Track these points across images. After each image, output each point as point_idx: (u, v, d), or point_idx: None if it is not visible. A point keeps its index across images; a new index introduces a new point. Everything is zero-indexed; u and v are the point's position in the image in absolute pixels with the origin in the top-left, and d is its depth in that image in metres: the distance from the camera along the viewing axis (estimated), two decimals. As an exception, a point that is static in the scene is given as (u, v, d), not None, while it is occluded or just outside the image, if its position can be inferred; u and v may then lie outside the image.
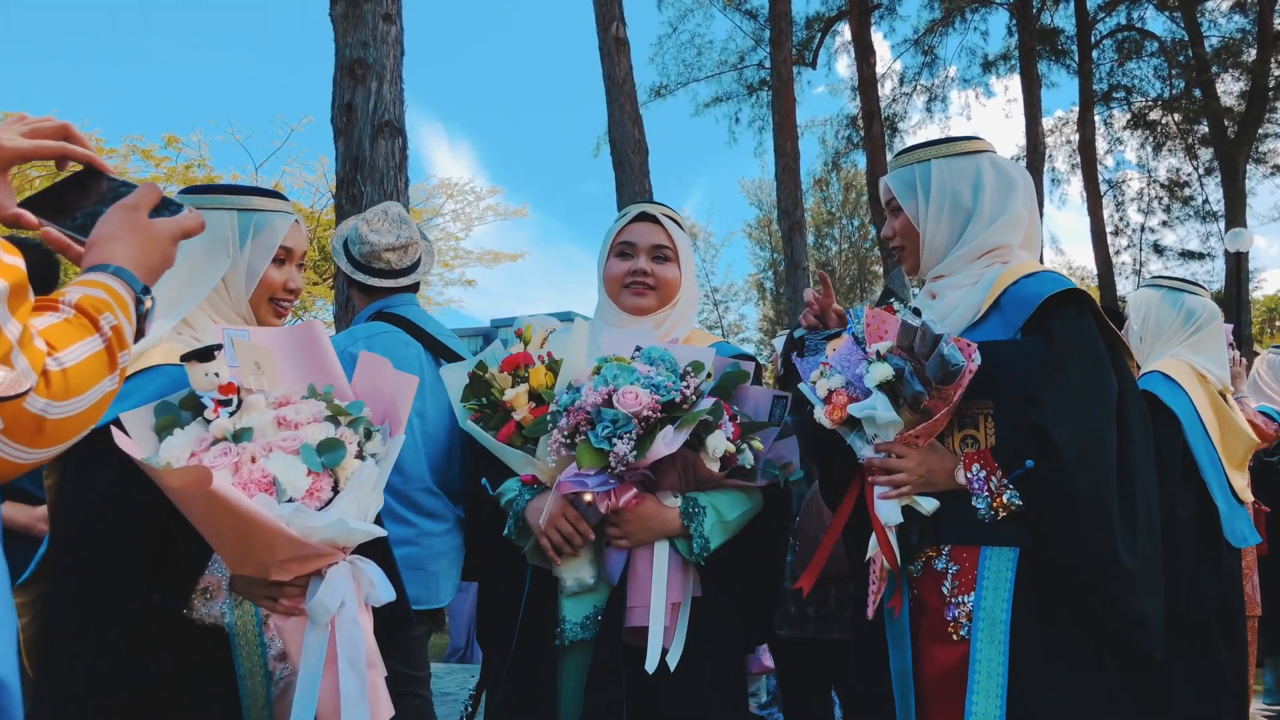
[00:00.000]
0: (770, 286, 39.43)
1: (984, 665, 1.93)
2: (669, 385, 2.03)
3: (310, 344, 1.79)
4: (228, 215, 1.87)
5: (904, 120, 23.80)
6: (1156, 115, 23.08)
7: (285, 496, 1.53)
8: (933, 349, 1.87)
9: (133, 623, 1.65)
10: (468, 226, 23.97)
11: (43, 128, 1.32)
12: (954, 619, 1.99)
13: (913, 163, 2.19)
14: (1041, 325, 1.99)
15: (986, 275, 2.12)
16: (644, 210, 2.43)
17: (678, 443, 2.01)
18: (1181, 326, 3.19)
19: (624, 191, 13.03)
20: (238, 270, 1.87)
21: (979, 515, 1.97)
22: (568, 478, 2.05)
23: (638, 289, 2.36)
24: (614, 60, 13.33)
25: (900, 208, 2.20)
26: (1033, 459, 1.93)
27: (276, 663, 1.82)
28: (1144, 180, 24.39)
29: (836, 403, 2.00)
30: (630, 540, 2.11)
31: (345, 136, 7.34)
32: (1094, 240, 21.67)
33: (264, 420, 1.59)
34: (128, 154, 17.99)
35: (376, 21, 7.39)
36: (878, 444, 2.01)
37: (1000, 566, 1.97)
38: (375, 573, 1.71)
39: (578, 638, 2.15)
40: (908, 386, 1.93)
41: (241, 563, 1.60)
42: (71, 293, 1.19)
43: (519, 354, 2.29)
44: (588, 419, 2.02)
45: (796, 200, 17.11)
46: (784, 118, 16.95)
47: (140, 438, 1.56)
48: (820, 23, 22.74)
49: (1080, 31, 21.58)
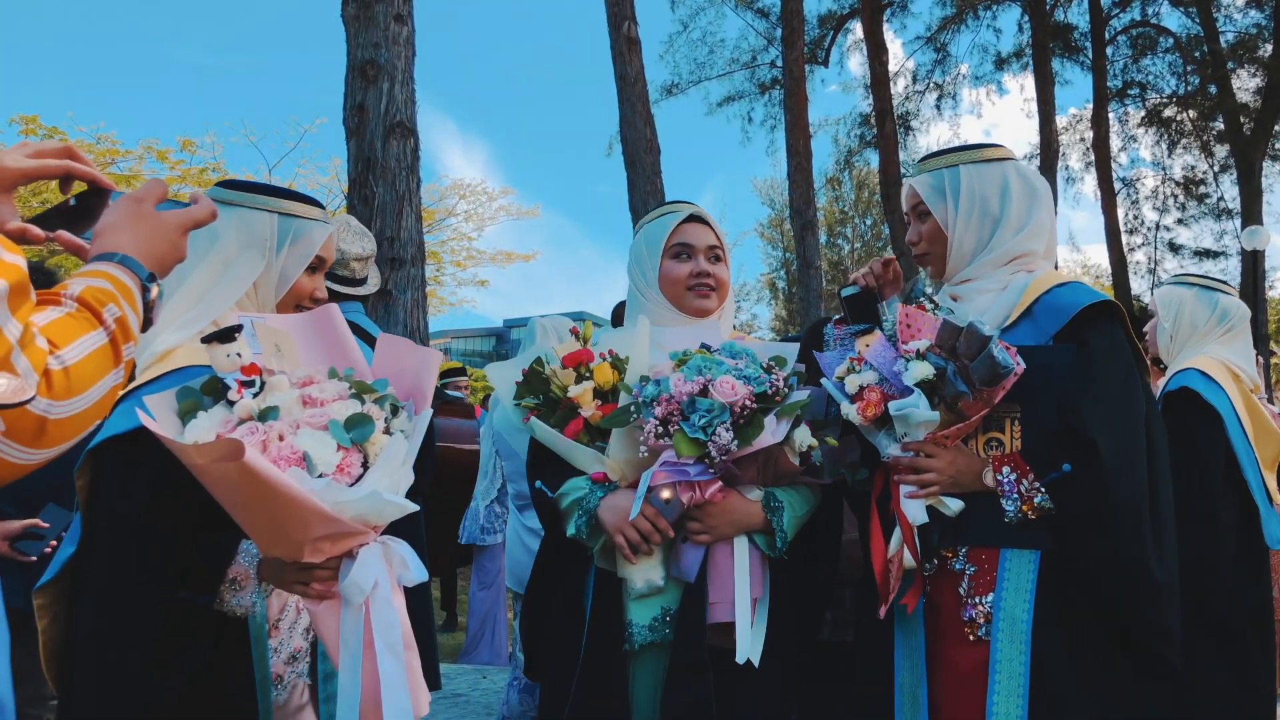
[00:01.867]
0: (783, 286, 39.37)
1: (1005, 665, 1.93)
2: (760, 377, 2.03)
3: (328, 328, 1.77)
4: (267, 217, 1.86)
5: (917, 118, 23.75)
6: (1171, 112, 22.93)
7: (316, 472, 1.51)
8: (980, 350, 1.88)
9: (161, 624, 1.64)
10: (480, 227, 24.00)
11: (46, 149, 1.32)
12: (971, 619, 2.00)
13: (941, 168, 2.21)
14: (1075, 335, 2.02)
15: (1015, 282, 2.15)
16: (693, 212, 2.43)
17: (782, 432, 2.03)
18: (1216, 325, 3.17)
19: (636, 191, 13.03)
20: (270, 274, 1.87)
21: (1006, 517, 1.98)
22: (664, 467, 2.02)
23: (703, 290, 2.36)
24: (625, 59, 13.32)
25: (928, 212, 2.22)
26: (1070, 464, 1.94)
27: (284, 666, 1.82)
28: (1159, 178, 24.26)
29: (869, 399, 1.99)
30: (711, 535, 2.09)
31: (357, 137, 7.37)
32: (1108, 239, 21.56)
33: (289, 399, 1.57)
34: (143, 156, 18.09)
35: (388, 22, 7.41)
36: (907, 443, 2.00)
37: (1021, 568, 1.98)
38: (407, 552, 1.68)
39: (646, 641, 2.11)
40: (949, 386, 1.92)
41: (275, 543, 1.58)
42: (74, 285, 1.16)
43: (581, 350, 2.27)
44: (679, 410, 2.01)
45: (809, 199, 17.08)
46: (796, 116, 16.92)
47: (164, 423, 1.53)
48: (833, 20, 22.70)
49: (1094, 28, 21.47)
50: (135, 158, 18.01)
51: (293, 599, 1.86)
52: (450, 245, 23.97)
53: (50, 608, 1.73)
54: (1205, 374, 2.95)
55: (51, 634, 1.73)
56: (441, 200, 23.23)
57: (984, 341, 1.88)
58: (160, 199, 1.36)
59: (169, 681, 1.65)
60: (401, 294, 9.07)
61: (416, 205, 8.26)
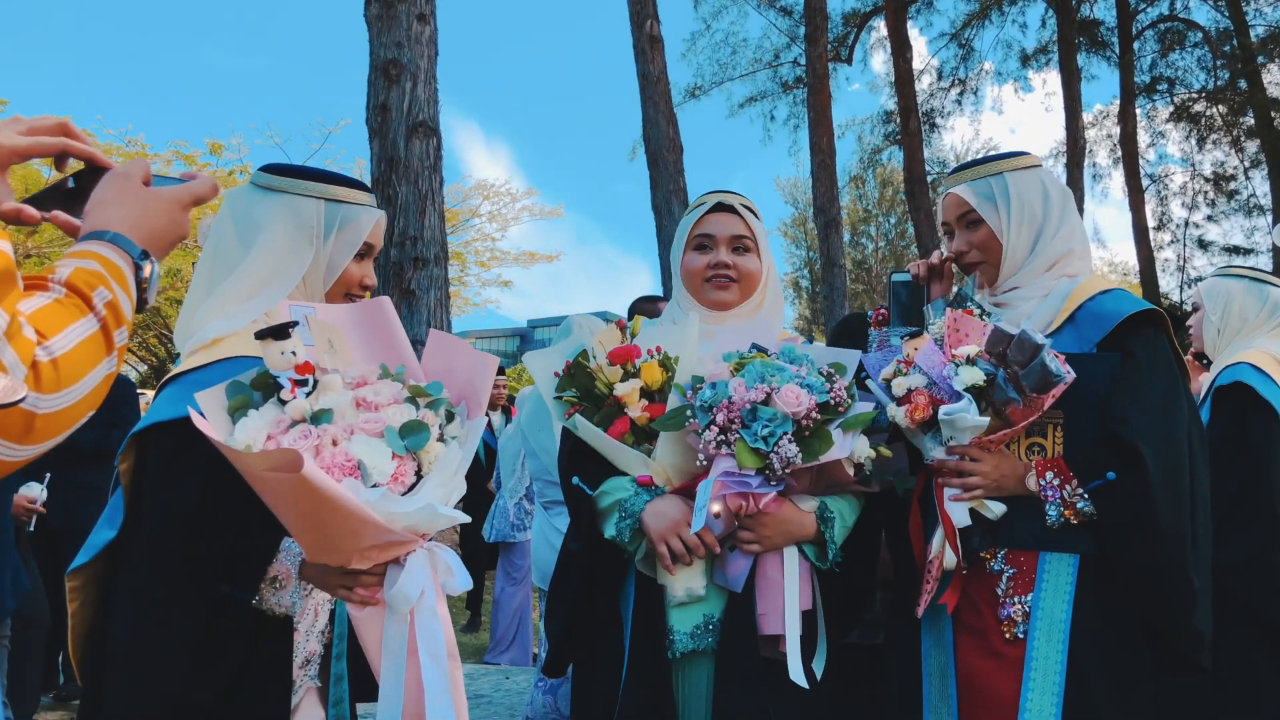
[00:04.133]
0: (806, 285, 39.27)
1: (1041, 663, 1.97)
2: (822, 387, 1.98)
3: (379, 322, 1.70)
4: (314, 204, 1.81)
5: (942, 116, 23.60)
6: (1201, 107, 22.66)
7: (370, 481, 1.46)
8: (1031, 358, 1.88)
9: (203, 623, 1.61)
10: (504, 227, 24.13)
11: (40, 125, 1.26)
12: (1008, 617, 2.02)
13: (985, 176, 2.22)
14: (1119, 343, 2.05)
15: (1057, 288, 2.18)
16: (720, 200, 2.33)
17: (848, 447, 1.98)
18: (1268, 318, 3.09)
19: (658, 190, 13.01)
20: (318, 262, 1.82)
21: (1048, 522, 2.01)
22: (727, 477, 1.95)
23: (720, 282, 2.28)
24: (648, 58, 13.31)
25: (980, 220, 2.22)
26: (1115, 472, 1.97)
27: (299, 670, 1.79)
28: (1188, 174, 23.97)
29: (917, 403, 1.98)
30: (763, 545, 2.03)
31: (380, 137, 7.40)
32: (1136, 236, 21.32)
33: (342, 401, 1.52)
34: (170, 159, 18.27)
35: (410, 22, 7.42)
36: (952, 446, 2.00)
37: (1060, 571, 2.01)
38: (452, 559, 1.64)
39: (688, 649, 2.06)
40: (999, 393, 1.93)
41: (322, 551, 1.54)
42: (62, 268, 1.10)
43: (629, 346, 2.19)
44: (739, 418, 1.94)
45: (832, 197, 17.00)
46: (819, 114, 16.84)
47: (214, 420, 1.49)
48: (856, 18, 22.58)
49: (1121, 23, 21.24)
50: (164, 160, 18.19)
51: (312, 603, 1.83)
52: (474, 246, 24.08)
53: (82, 590, 1.69)
54: (1258, 368, 2.87)
55: (81, 617, 1.70)
56: (465, 201, 23.35)
57: (1036, 349, 1.88)
58: (146, 175, 1.29)
59: (207, 682, 1.61)
60: (425, 294, 9.09)
61: (439, 205, 8.28)
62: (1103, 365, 2.03)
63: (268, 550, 1.68)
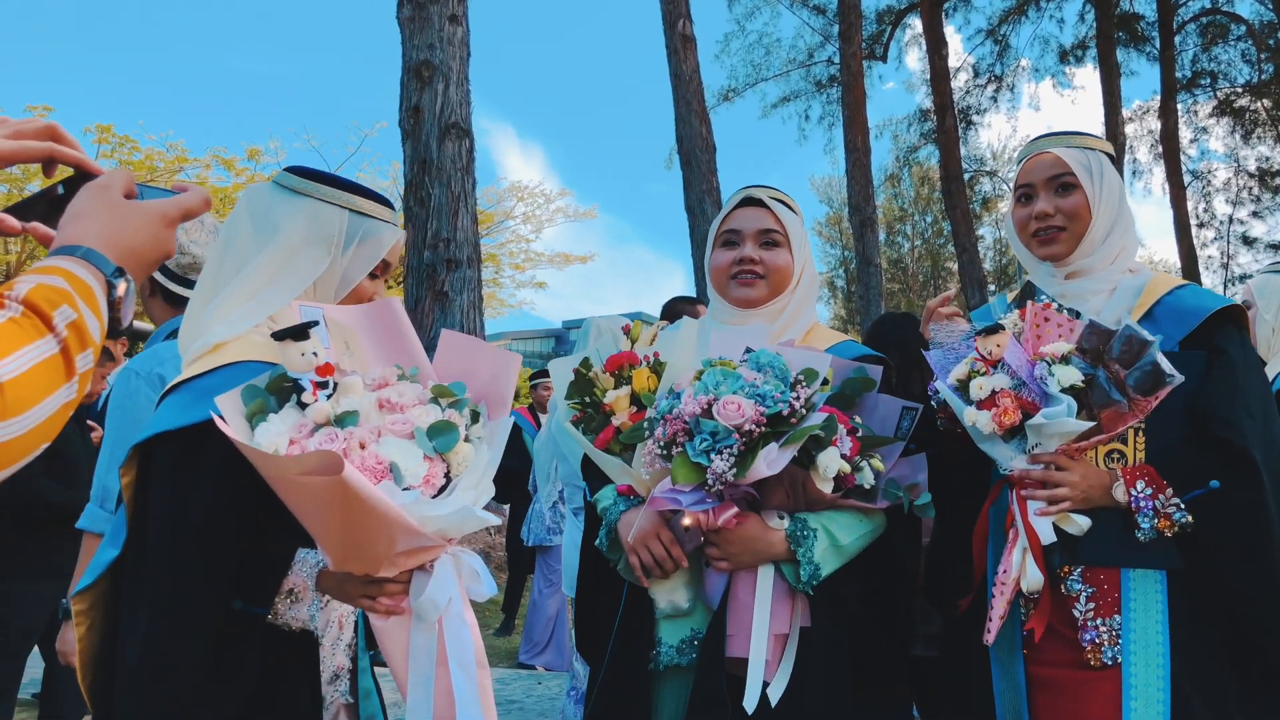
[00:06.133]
0: (842, 285, 39.05)
1: (1142, 690, 1.83)
2: (776, 396, 1.81)
3: (390, 323, 1.65)
4: (338, 213, 1.76)
5: (978, 113, 23.37)
6: (1244, 102, 22.29)
7: (403, 484, 1.41)
8: (1139, 356, 1.75)
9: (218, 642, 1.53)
10: (538, 228, 24.23)
11: (26, 129, 1.18)
12: (1093, 641, 1.88)
13: (1082, 146, 2.11)
14: (1203, 340, 1.94)
15: (1123, 283, 2.07)
16: (749, 194, 2.23)
17: (781, 463, 1.80)
18: None
19: (691, 190, 13.00)
20: (333, 272, 1.76)
21: (1140, 535, 1.86)
22: (661, 493, 1.85)
23: (745, 278, 2.17)
24: (680, 57, 13.30)
25: (1075, 185, 2.08)
26: (1218, 480, 1.83)
27: (327, 686, 1.71)
28: (1231, 170, 23.58)
29: (1005, 406, 1.83)
30: (731, 563, 1.92)
31: (413, 139, 7.43)
32: (1177, 233, 21.01)
33: (365, 403, 1.46)
34: (210, 164, 18.50)
35: (442, 23, 7.44)
36: (1037, 454, 1.86)
37: (1148, 589, 1.88)
38: (478, 565, 1.58)
39: (673, 662, 1.97)
40: (1099, 394, 1.77)
41: (351, 559, 1.47)
42: (21, 284, 0.98)
43: (624, 353, 2.14)
44: (685, 429, 1.82)
45: (868, 196, 16.89)
46: (854, 112, 16.74)
47: (234, 425, 1.43)
48: (891, 16, 22.45)
49: (1162, 16, 20.94)
50: (203, 165, 18.43)
51: (336, 613, 1.75)
52: (509, 248, 24.20)
53: (89, 613, 1.62)
54: None
55: (89, 641, 1.62)
56: (499, 203, 23.48)
57: (1144, 346, 1.74)
58: (128, 186, 1.18)
59: (223, 702, 1.54)
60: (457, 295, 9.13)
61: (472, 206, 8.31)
62: (1190, 365, 1.86)
63: (282, 562, 1.61)
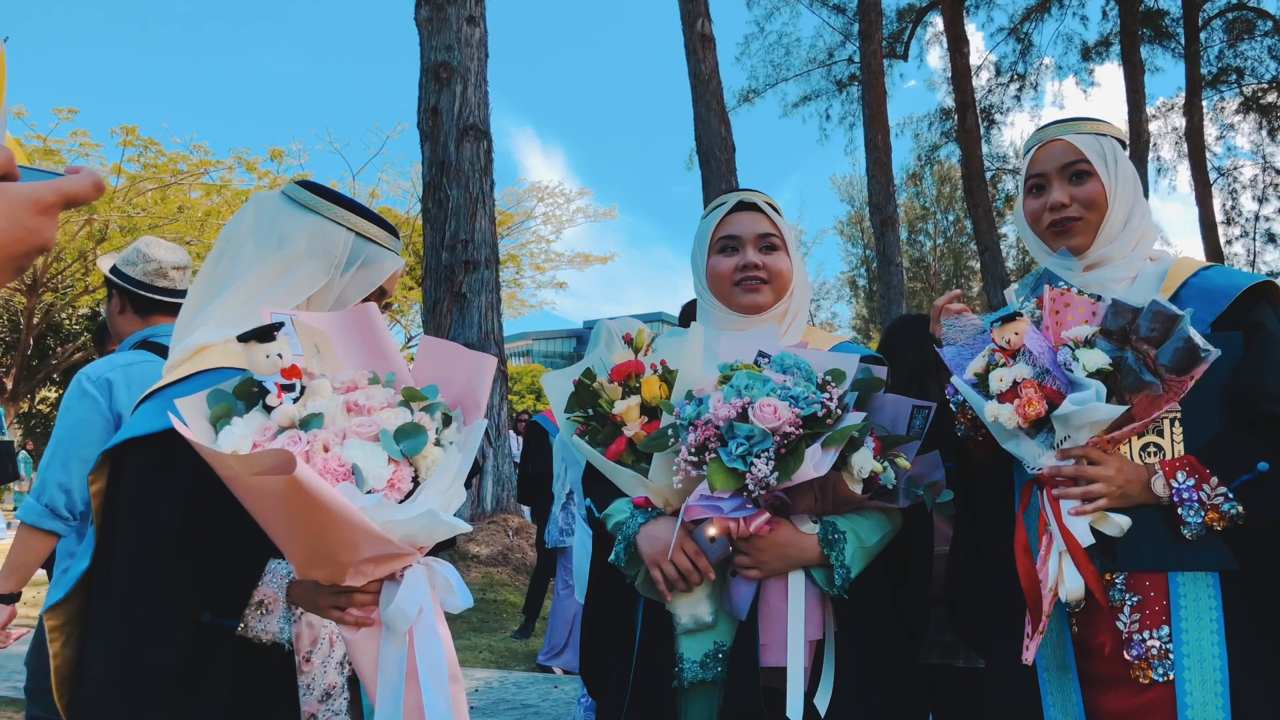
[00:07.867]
0: (863, 284, 38.93)
1: (1200, 710, 1.67)
2: (809, 397, 1.77)
3: (366, 328, 1.62)
4: (344, 234, 1.74)
5: (1001, 112, 23.22)
6: (1272, 98, 22.03)
7: (366, 487, 1.38)
8: (1168, 332, 1.62)
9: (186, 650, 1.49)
10: (558, 229, 24.30)
11: None
12: (1141, 657, 1.73)
13: (1094, 133, 2.01)
14: (1237, 320, 1.80)
15: (1145, 270, 1.96)
16: (741, 199, 2.19)
17: (827, 464, 1.76)
18: None
19: (710, 189, 12.98)
20: (329, 291, 1.74)
21: (1187, 531, 1.70)
22: (698, 501, 1.80)
23: (751, 284, 2.13)
24: (699, 57, 13.28)
25: (1090, 172, 1.98)
26: (1268, 462, 1.68)
27: (318, 705, 1.67)
28: (1258, 167, 23.32)
29: (1028, 397, 1.71)
30: (762, 571, 1.87)
31: (431, 140, 7.45)
32: (1203, 231, 20.81)
33: (333, 406, 1.43)
34: (233, 166, 18.65)
35: (460, 24, 7.44)
36: (1067, 449, 1.73)
37: (1199, 594, 1.72)
38: (452, 575, 1.55)
39: (697, 678, 1.91)
40: (1128, 376, 1.64)
41: (315, 565, 1.45)
42: None
43: (630, 362, 2.08)
44: (717, 435, 1.78)
45: (889, 194, 16.81)
46: (875, 110, 16.67)
47: (196, 428, 1.40)
48: (911, 14, 22.34)
49: (1187, 12, 20.73)
50: (226, 167, 18.58)
51: (326, 629, 1.70)
52: (529, 249, 24.27)
53: (63, 629, 1.59)
54: None
55: (65, 657, 1.59)
56: (520, 204, 23.55)
57: (1173, 320, 1.62)
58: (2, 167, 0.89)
59: (200, 706, 1.50)
60: (475, 297, 9.14)
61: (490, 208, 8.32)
62: (1226, 346, 1.72)
63: (253, 573, 1.57)
